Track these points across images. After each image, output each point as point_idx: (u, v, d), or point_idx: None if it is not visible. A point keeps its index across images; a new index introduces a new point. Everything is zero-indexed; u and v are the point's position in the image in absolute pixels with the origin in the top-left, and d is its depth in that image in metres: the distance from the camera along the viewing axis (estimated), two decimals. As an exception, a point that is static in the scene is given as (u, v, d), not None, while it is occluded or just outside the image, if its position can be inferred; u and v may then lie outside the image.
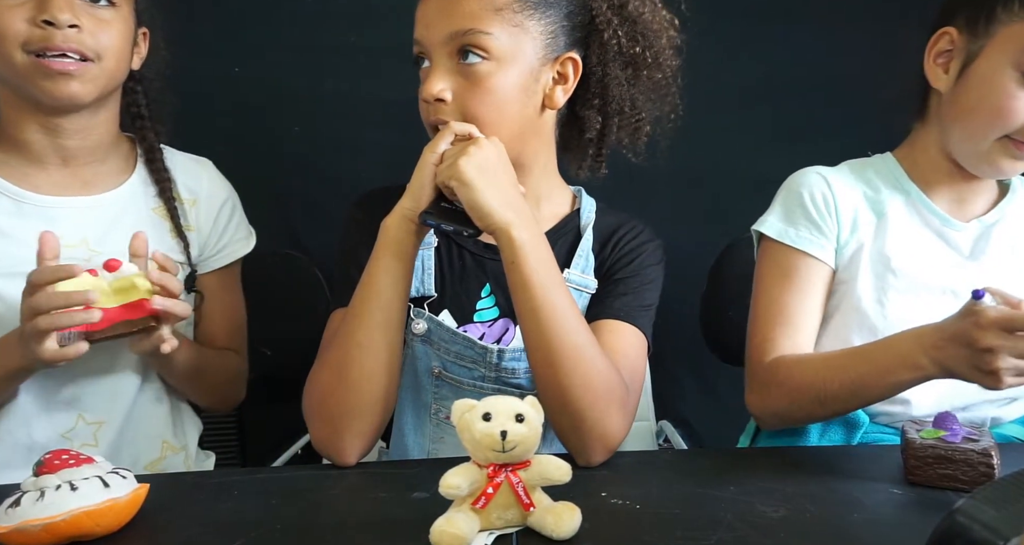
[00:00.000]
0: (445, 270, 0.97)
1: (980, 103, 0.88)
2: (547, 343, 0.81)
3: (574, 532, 0.63)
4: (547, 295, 0.81)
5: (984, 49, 0.88)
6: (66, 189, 0.98)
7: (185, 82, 1.41)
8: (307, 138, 1.48)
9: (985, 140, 0.89)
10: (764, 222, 1.01)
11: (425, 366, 0.95)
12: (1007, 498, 0.44)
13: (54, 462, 0.67)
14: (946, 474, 0.73)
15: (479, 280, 0.97)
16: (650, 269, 0.99)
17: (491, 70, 0.86)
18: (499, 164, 0.84)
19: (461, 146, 0.83)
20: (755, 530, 0.65)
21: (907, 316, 0.91)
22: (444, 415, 0.96)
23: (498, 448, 0.61)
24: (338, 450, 0.83)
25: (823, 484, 0.76)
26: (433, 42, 0.88)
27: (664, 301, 1.27)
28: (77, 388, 0.96)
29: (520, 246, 0.81)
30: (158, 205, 1.04)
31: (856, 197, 0.99)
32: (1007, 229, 0.98)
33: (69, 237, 0.95)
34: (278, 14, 1.43)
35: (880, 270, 0.96)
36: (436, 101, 0.87)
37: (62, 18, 0.87)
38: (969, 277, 0.94)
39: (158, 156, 1.04)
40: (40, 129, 0.95)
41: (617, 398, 0.83)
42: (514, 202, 0.83)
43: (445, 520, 0.62)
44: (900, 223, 0.98)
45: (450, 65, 0.87)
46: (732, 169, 1.50)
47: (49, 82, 0.89)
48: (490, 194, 0.80)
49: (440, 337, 0.94)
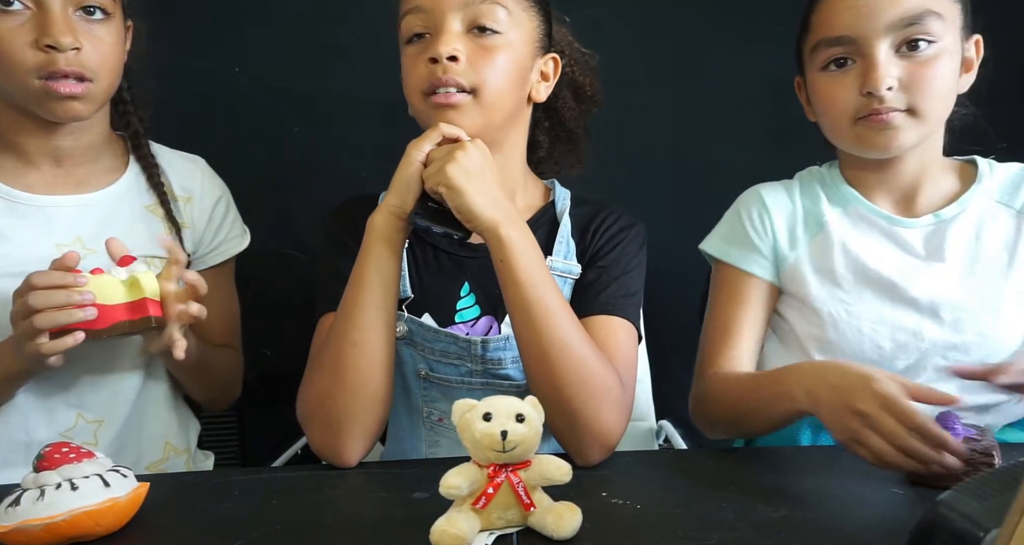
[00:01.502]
0: (421, 271, 0.97)
1: (822, 108, 0.96)
2: (538, 339, 0.81)
3: (575, 532, 0.63)
4: (537, 292, 0.81)
5: (806, 73, 0.98)
6: (59, 188, 0.98)
7: (185, 82, 1.42)
8: (307, 138, 1.47)
9: (845, 132, 0.94)
10: (707, 240, 1.07)
11: (411, 369, 0.95)
12: (990, 490, 0.45)
13: (54, 456, 0.67)
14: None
15: (457, 279, 0.96)
16: (632, 256, 0.98)
17: (502, 44, 0.88)
18: (485, 167, 0.84)
19: (447, 150, 0.84)
20: (756, 530, 0.65)
21: (861, 324, 0.95)
22: (437, 417, 0.95)
23: (498, 448, 0.61)
24: (339, 453, 0.83)
25: (823, 484, 0.76)
26: (445, 8, 0.87)
27: (664, 301, 1.28)
28: (76, 386, 0.96)
29: (509, 244, 0.81)
30: (152, 203, 1.04)
31: (795, 213, 1.02)
32: (970, 220, 0.96)
33: (63, 236, 0.96)
34: (278, 14, 1.43)
35: (825, 281, 0.98)
36: (448, 60, 0.85)
37: (64, 42, 0.88)
38: (921, 274, 0.94)
39: (143, 143, 1.04)
40: (33, 131, 0.95)
41: (612, 395, 0.83)
42: (500, 202, 0.84)
43: (445, 520, 0.62)
44: (841, 232, 0.99)
45: (459, 32, 0.87)
46: (733, 168, 1.50)
47: (56, 104, 0.90)
48: (479, 198, 0.82)
49: (423, 338, 0.94)
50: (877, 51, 0.89)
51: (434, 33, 0.87)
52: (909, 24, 0.88)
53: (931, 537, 0.45)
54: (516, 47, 0.89)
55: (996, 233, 0.95)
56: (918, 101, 0.89)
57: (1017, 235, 0.95)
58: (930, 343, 0.93)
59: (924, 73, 0.89)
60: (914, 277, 0.95)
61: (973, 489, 0.45)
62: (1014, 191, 0.97)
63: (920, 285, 0.94)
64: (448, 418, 0.77)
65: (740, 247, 1.03)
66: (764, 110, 1.47)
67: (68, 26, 0.89)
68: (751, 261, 1.02)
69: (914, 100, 0.89)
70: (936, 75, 0.89)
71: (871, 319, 0.95)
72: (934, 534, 0.44)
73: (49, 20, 0.87)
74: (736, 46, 1.49)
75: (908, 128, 0.90)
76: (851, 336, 0.95)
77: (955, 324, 0.93)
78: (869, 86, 0.89)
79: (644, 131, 1.51)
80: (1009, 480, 0.45)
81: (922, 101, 0.89)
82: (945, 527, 0.43)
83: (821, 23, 0.93)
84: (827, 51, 0.92)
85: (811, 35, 0.95)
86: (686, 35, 1.51)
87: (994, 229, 0.96)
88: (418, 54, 0.88)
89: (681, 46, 1.51)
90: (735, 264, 1.03)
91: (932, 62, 0.89)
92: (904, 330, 0.94)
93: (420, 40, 0.89)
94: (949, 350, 0.93)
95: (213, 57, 1.43)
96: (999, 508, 0.40)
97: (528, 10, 0.91)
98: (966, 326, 0.92)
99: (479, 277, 0.93)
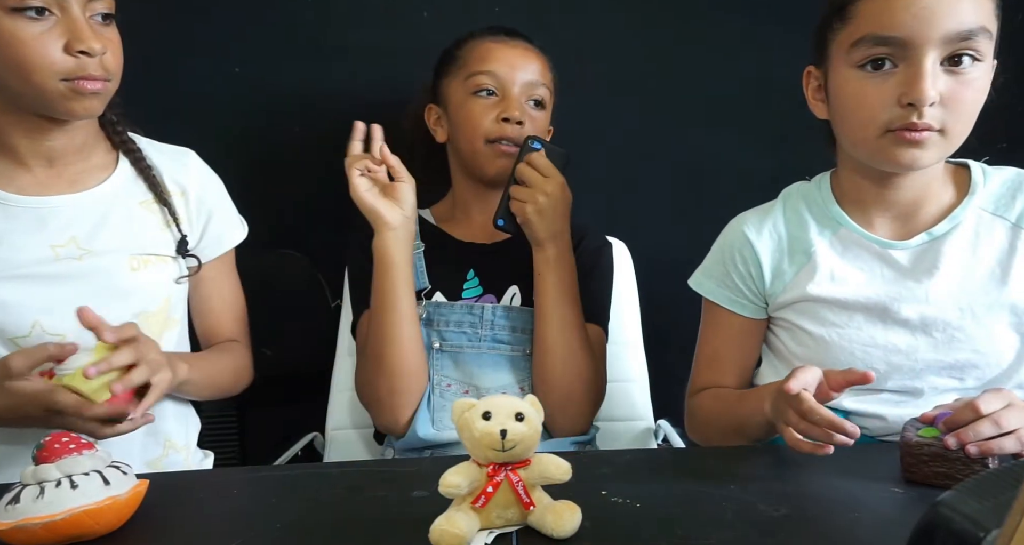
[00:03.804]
0: (434, 265, 1.19)
1: (846, 109, 0.90)
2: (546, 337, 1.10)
3: (574, 531, 0.63)
4: (561, 301, 1.09)
5: (830, 67, 0.91)
6: (52, 189, 0.98)
7: (185, 82, 1.42)
8: (307, 138, 1.47)
9: (869, 141, 0.88)
10: (695, 275, 1.09)
11: (426, 344, 1.14)
12: (990, 491, 0.44)
13: (54, 446, 0.67)
14: (942, 472, 0.73)
15: (464, 267, 1.19)
16: (602, 271, 1.22)
17: (546, 115, 1.22)
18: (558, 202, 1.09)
19: (530, 193, 1.07)
20: (755, 529, 0.65)
21: (852, 347, 0.94)
22: (446, 384, 1.14)
23: (498, 447, 0.61)
24: (393, 420, 1.10)
25: (823, 483, 0.76)
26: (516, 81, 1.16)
27: (663, 302, 1.28)
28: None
29: (548, 259, 1.09)
30: (146, 199, 1.04)
31: (780, 246, 1.01)
32: (964, 235, 0.93)
33: (58, 237, 0.96)
34: (278, 14, 1.43)
35: (813, 308, 0.97)
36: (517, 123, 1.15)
37: (96, 48, 0.89)
38: (912, 293, 0.92)
39: (120, 130, 1.04)
40: (25, 132, 0.95)
41: (584, 405, 1.12)
42: (555, 228, 1.09)
43: (445, 519, 0.62)
44: (829, 262, 0.97)
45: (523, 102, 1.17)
46: (732, 170, 1.51)
47: (77, 102, 0.91)
48: (542, 226, 1.08)
49: (439, 314, 1.15)
50: (927, 60, 0.82)
51: (503, 96, 1.15)
52: (964, 38, 0.82)
53: (931, 537, 0.44)
54: (548, 118, 1.21)
55: (990, 247, 0.92)
56: (952, 121, 0.84)
57: (1011, 249, 0.91)
58: (924, 363, 0.92)
59: (965, 93, 0.84)
60: (905, 297, 0.92)
61: (973, 489, 0.45)
62: (1009, 201, 0.93)
63: (911, 305, 0.92)
64: (456, 384, 1.14)
65: (725, 289, 1.04)
66: (767, 110, 1.47)
67: (94, 32, 0.90)
68: (736, 303, 1.04)
69: (949, 120, 0.84)
70: (975, 97, 0.85)
71: (862, 342, 0.94)
72: (934, 534, 0.44)
73: (78, 26, 0.88)
74: (737, 46, 1.49)
75: (935, 148, 0.85)
76: (843, 359, 0.94)
77: (948, 342, 0.91)
78: (913, 96, 0.82)
79: (644, 132, 1.51)
80: (1010, 480, 0.45)
81: (956, 122, 0.84)
82: (945, 527, 0.43)
83: (870, 17, 0.85)
84: (872, 49, 0.84)
85: (853, 27, 0.87)
86: (685, 35, 1.51)
87: (988, 242, 0.92)
88: (488, 108, 1.15)
89: (681, 45, 1.50)
90: (721, 304, 1.04)
91: (975, 82, 0.84)
92: (897, 352, 0.93)
93: (489, 97, 1.15)
94: (944, 368, 0.92)
95: (213, 57, 1.43)
96: (1000, 508, 0.40)
97: (552, 94, 1.20)
98: (959, 344, 0.91)
99: (481, 265, 1.19)
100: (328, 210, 1.50)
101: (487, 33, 1.19)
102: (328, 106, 1.46)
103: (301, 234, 1.50)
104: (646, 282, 1.40)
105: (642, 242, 1.41)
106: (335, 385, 1.31)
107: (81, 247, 0.96)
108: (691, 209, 1.51)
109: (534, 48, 1.19)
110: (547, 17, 1.46)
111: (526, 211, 1.06)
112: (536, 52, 1.19)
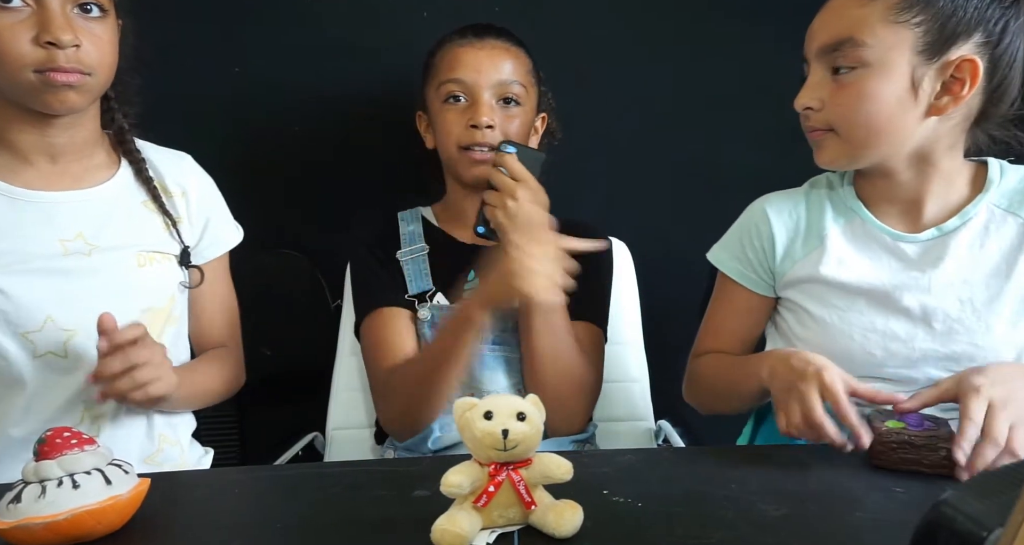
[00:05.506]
0: (438, 268, 1.19)
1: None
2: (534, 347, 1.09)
3: (576, 530, 0.63)
4: (543, 305, 1.03)
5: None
6: (56, 184, 0.98)
7: (185, 82, 1.42)
8: (307, 138, 1.47)
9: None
10: (712, 249, 1.12)
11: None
12: (992, 490, 0.45)
13: (55, 440, 0.66)
14: (909, 458, 0.76)
15: (465, 268, 1.18)
16: (602, 271, 1.23)
17: (523, 112, 1.20)
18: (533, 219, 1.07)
19: (499, 197, 1.05)
20: (756, 528, 0.65)
21: (852, 331, 0.96)
22: None
23: (499, 447, 0.61)
24: (410, 434, 1.11)
25: (824, 482, 0.76)
26: (483, 84, 1.15)
27: (665, 301, 1.28)
28: (75, 381, 0.95)
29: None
30: (148, 199, 1.05)
31: (797, 228, 1.04)
32: (974, 231, 0.94)
33: (66, 231, 0.96)
34: (278, 14, 1.43)
35: (818, 290, 0.99)
36: (486, 128, 1.14)
37: (65, 39, 0.89)
38: (916, 284, 0.94)
39: (128, 139, 1.05)
40: (28, 128, 0.96)
41: (577, 405, 1.12)
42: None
43: (446, 518, 0.62)
44: (839, 247, 0.99)
45: (493, 104, 1.16)
46: (732, 170, 1.51)
47: (51, 95, 0.91)
48: (513, 230, 1.04)
49: (441, 315, 1.15)
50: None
51: (472, 101, 1.14)
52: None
53: (934, 537, 0.45)
54: (528, 113, 1.19)
55: (998, 242, 0.93)
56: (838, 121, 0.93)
57: (1019, 244, 0.93)
58: (921, 352, 0.93)
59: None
60: (908, 286, 0.95)
61: (976, 489, 0.45)
62: (1022, 198, 0.94)
63: (913, 294, 0.94)
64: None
65: (738, 262, 1.08)
66: (767, 110, 1.47)
67: (68, 23, 0.89)
68: (746, 278, 1.07)
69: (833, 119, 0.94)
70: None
71: (862, 326, 0.96)
72: (937, 534, 0.44)
73: (49, 17, 0.88)
74: (737, 46, 1.49)
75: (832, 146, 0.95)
76: (842, 342, 0.96)
77: (947, 334, 0.93)
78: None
79: (644, 131, 1.51)
80: (1012, 479, 0.45)
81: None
82: (948, 527, 0.43)
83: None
84: None
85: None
86: (686, 35, 1.51)
87: (996, 238, 0.94)
88: (459, 115, 1.15)
89: (681, 45, 1.51)
90: (732, 277, 1.08)
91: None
92: (896, 339, 0.94)
93: (457, 103, 1.15)
94: (941, 359, 0.93)
95: (213, 57, 1.43)
96: (1002, 508, 0.40)
97: (533, 86, 1.19)
98: (958, 336, 0.92)
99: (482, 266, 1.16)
100: (328, 210, 1.50)
101: (456, 36, 1.18)
102: (328, 106, 1.46)
103: (301, 234, 1.50)
104: (646, 282, 1.40)
105: (642, 242, 1.41)
106: (336, 385, 1.31)
107: (89, 243, 0.97)
108: (691, 209, 1.51)
109: (505, 44, 1.17)
110: (547, 17, 1.46)
111: (497, 216, 1.05)
112: (507, 48, 1.17)
